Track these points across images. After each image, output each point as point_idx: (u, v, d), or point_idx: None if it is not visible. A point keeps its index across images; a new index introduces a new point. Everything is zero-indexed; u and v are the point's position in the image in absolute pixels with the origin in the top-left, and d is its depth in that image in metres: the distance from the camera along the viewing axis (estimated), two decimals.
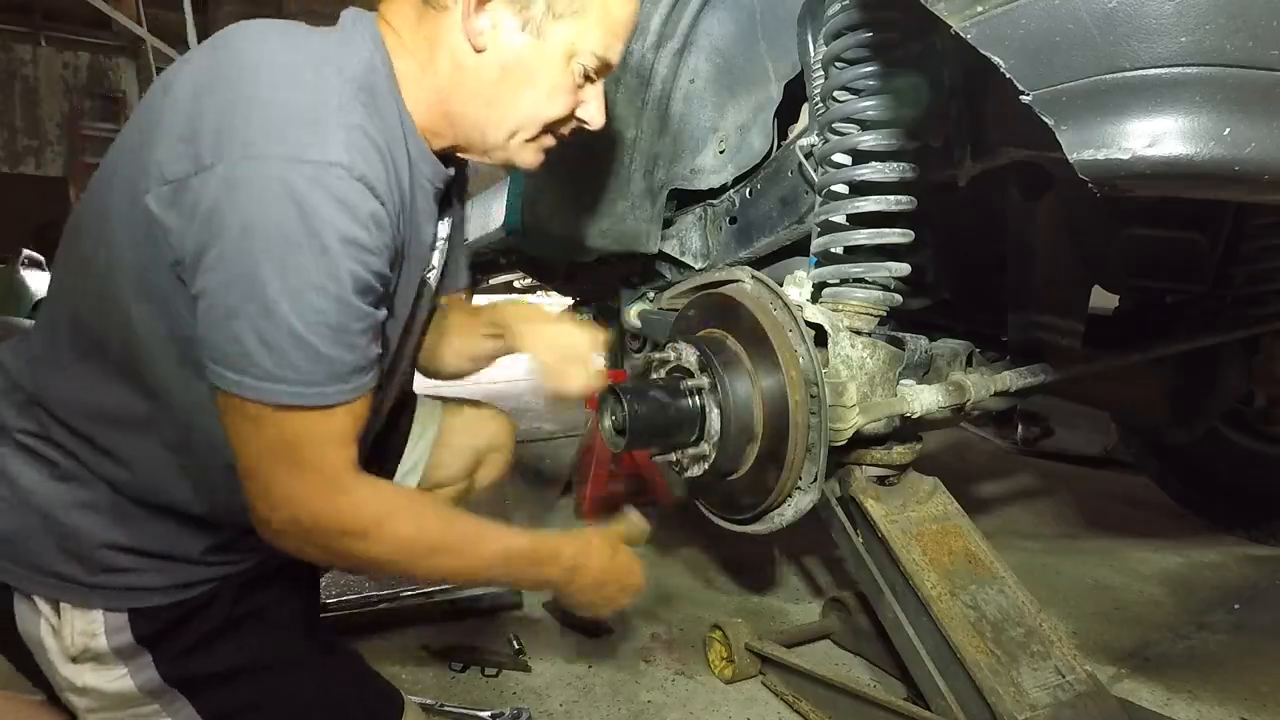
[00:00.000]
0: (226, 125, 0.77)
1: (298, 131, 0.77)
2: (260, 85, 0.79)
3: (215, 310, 0.78)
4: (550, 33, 0.93)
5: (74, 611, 0.89)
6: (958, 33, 0.74)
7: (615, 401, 1.18)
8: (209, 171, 0.76)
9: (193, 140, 0.77)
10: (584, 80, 0.99)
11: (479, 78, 0.94)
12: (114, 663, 0.90)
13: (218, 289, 0.77)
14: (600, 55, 0.97)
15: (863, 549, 1.27)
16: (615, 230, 1.73)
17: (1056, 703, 1.10)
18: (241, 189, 0.75)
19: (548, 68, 0.95)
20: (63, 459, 0.90)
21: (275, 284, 0.75)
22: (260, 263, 0.75)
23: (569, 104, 0.99)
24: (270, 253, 0.75)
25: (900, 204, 1.17)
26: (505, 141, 0.99)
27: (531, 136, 1.00)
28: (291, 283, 0.76)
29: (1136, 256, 1.70)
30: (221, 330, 0.78)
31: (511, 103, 0.96)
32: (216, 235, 0.76)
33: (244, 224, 0.75)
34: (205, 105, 0.79)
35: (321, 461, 0.84)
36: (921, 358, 1.33)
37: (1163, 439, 2.29)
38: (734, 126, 1.69)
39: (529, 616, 1.74)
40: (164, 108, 0.81)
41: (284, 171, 0.75)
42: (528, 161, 1.03)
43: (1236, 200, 1.45)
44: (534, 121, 0.98)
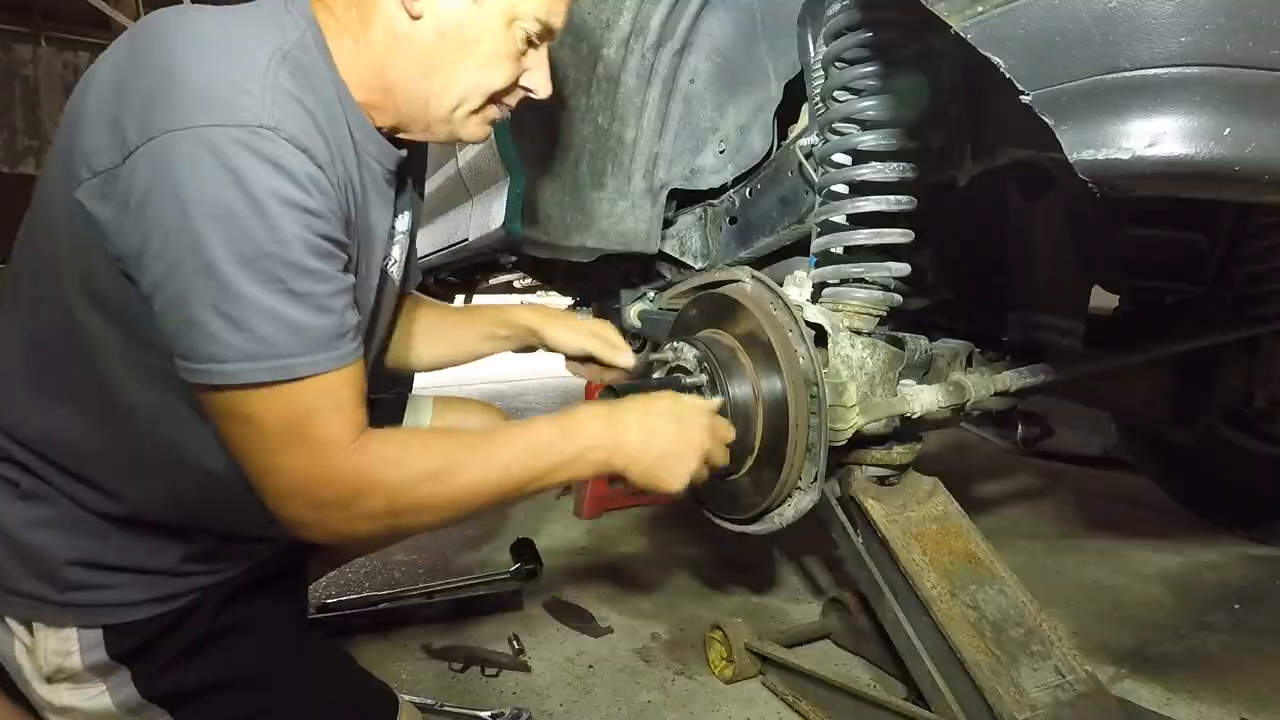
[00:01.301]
0: (149, 104, 0.74)
1: (222, 98, 0.74)
2: (179, 60, 0.76)
3: (171, 301, 0.74)
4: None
5: (47, 631, 0.87)
6: (958, 33, 0.74)
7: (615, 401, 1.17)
8: (136, 155, 0.73)
9: (117, 126, 0.75)
10: (526, 46, 0.95)
11: (416, 46, 0.90)
12: (91, 681, 0.89)
13: (167, 277, 0.74)
14: (542, 19, 0.93)
15: (863, 549, 1.27)
16: (615, 230, 1.73)
17: (1056, 703, 1.10)
18: (171, 165, 0.72)
19: (487, 33, 0.91)
20: (23, 478, 0.87)
21: (225, 258, 0.72)
22: (204, 237, 0.72)
23: (512, 72, 0.95)
24: (212, 225, 0.72)
25: (900, 204, 1.17)
26: (449, 114, 0.95)
27: (475, 108, 0.96)
28: (241, 251, 0.72)
29: (1136, 256, 1.70)
30: (182, 319, 0.74)
31: (452, 72, 0.92)
32: (155, 221, 0.73)
33: (179, 201, 0.72)
34: (126, 89, 0.76)
35: (325, 433, 0.79)
36: (921, 358, 1.33)
37: (1163, 439, 2.29)
38: (734, 126, 1.69)
39: (529, 616, 1.74)
40: (86, 102, 0.79)
41: (211, 138, 0.72)
42: (474, 135, 0.99)
43: (1236, 200, 1.45)
44: (477, 91, 0.94)
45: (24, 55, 8.13)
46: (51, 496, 0.87)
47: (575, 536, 2.24)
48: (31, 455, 0.87)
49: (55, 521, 0.87)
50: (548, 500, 2.52)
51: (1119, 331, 1.81)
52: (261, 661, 0.98)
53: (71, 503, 0.88)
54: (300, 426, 0.78)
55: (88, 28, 8.14)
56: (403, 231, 1.07)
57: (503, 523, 2.33)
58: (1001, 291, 1.65)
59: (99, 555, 0.88)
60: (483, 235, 1.93)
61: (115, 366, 0.84)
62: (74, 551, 0.87)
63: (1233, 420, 2.13)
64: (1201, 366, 1.80)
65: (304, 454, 0.78)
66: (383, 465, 0.81)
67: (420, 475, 0.83)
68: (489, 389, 4.41)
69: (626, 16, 1.54)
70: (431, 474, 0.84)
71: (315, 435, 0.78)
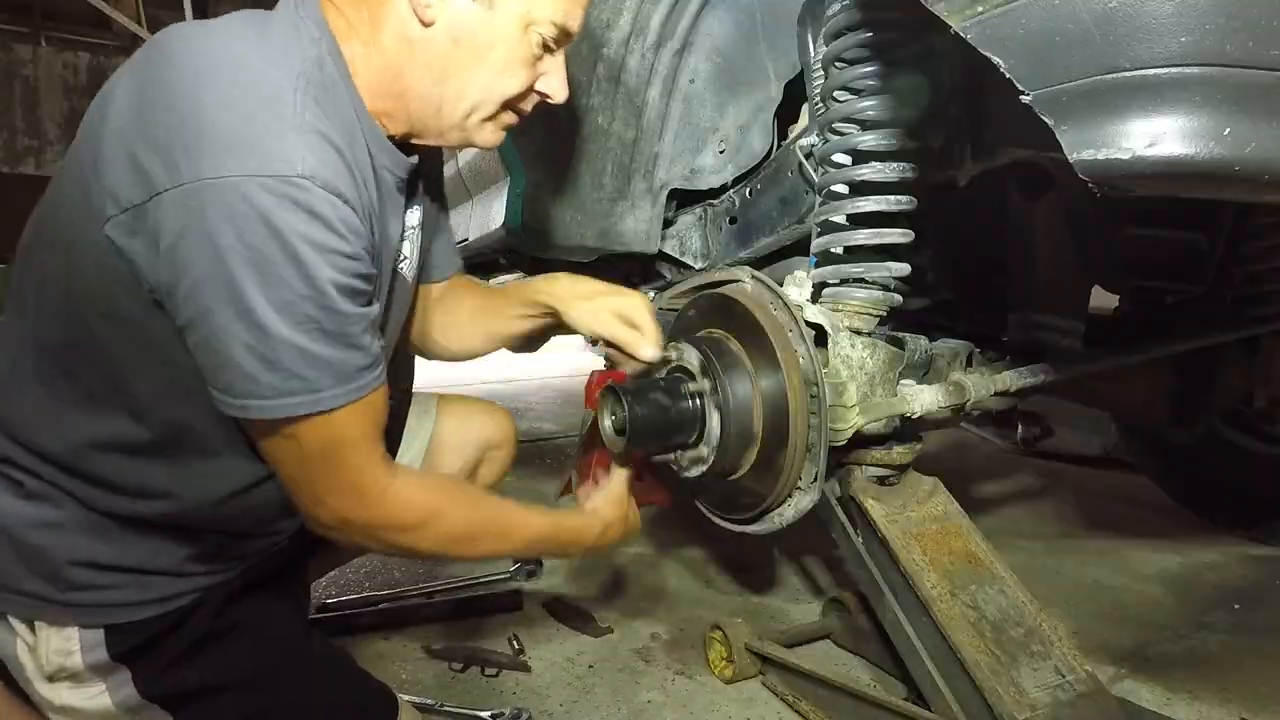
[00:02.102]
0: (177, 144, 0.74)
1: (255, 145, 0.74)
2: (205, 96, 0.75)
3: (206, 341, 0.77)
4: (502, 1, 0.88)
5: (49, 630, 0.88)
6: (958, 33, 0.74)
7: (615, 401, 1.17)
8: (166, 195, 0.73)
9: (143, 163, 0.74)
10: (543, 51, 0.93)
11: (429, 52, 0.88)
12: (91, 680, 0.89)
13: (202, 318, 0.76)
14: (559, 23, 0.92)
15: (863, 549, 1.27)
16: (615, 230, 1.74)
17: (1056, 703, 1.10)
18: (204, 214, 0.72)
19: (502, 39, 0.89)
20: (27, 479, 0.87)
21: (261, 303, 0.74)
22: (241, 284, 0.74)
23: (528, 78, 0.94)
24: (249, 273, 0.74)
25: (900, 204, 1.17)
26: (462, 121, 0.94)
27: (490, 115, 0.95)
28: (277, 298, 0.75)
29: (1136, 256, 1.70)
30: (218, 359, 0.78)
31: (465, 78, 0.90)
32: (187, 265, 0.74)
33: (215, 249, 0.73)
34: (149, 123, 0.75)
35: (353, 462, 0.86)
36: (921, 358, 1.33)
37: (1163, 439, 2.29)
38: (734, 126, 1.69)
39: (529, 616, 1.74)
40: (103, 132, 0.78)
41: (248, 190, 0.72)
42: (487, 141, 0.98)
43: (1236, 200, 1.45)
44: (491, 98, 0.93)
45: (24, 55, 8.14)
46: (56, 498, 0.87)
47: None
48: (36, 458, 0.87)
49: (59, 522, 0.87)
50: (548, 500, 2.52)
51: (1119, 331, 1.81)
52: (261, 662, 0.98)
53: (76, 504, 0.88)
54: (334, 453, 0.84)
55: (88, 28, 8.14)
56: (412, 227, 1.07)
57: None
58: (1001, 291, 1.65)
59: (102, 556, 0.88)
60: (483, 235, 1.93)
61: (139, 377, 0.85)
62: (77, 552, 0.87)
63: (1233, 420, 2.13)
64: (1201, 366, 1.80)
65: (337, 477, 0.86)
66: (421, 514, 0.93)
67: (450, 536, 0.97)
68: (489, 389, 4.41)
69: (626, 16, 1.54)
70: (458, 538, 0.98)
71: (345, 462, 0.86)
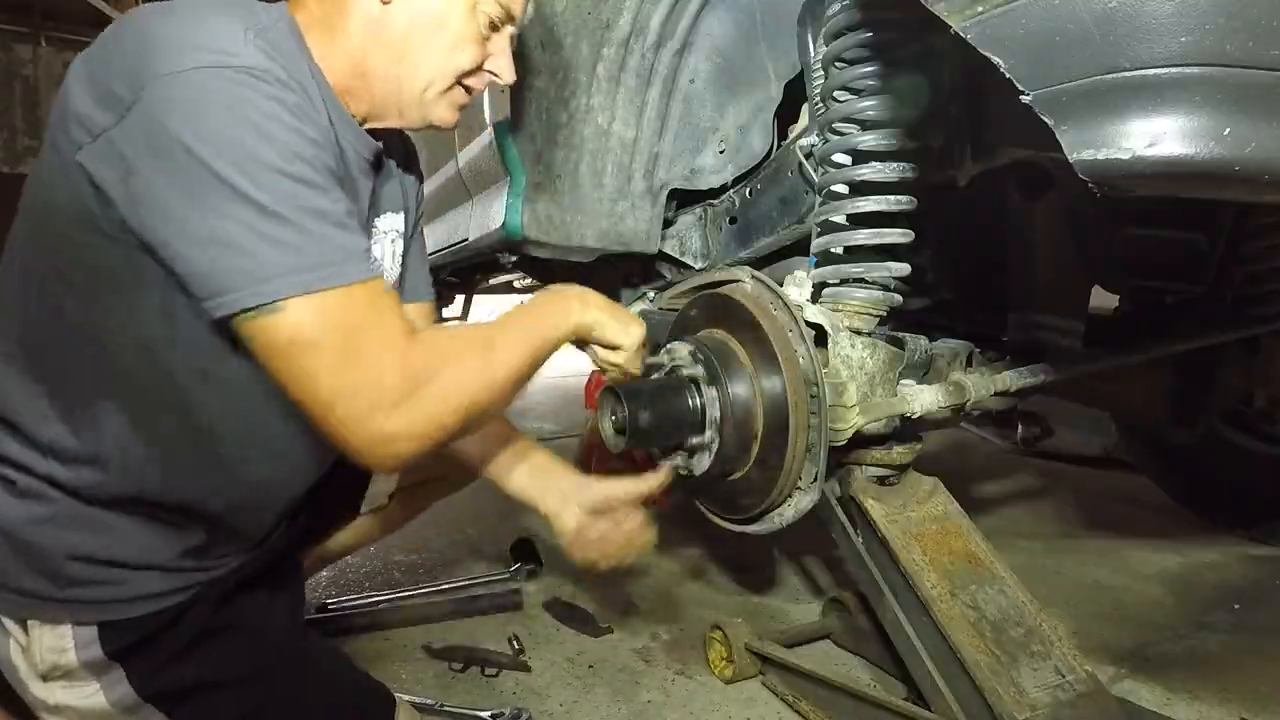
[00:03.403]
0: (135, 62, 0.77)
1: (206, 46, 0.77)
2: (156, 24, 0.80)
3: (197, 238, 0.76)
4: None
5: (42, 628, 0.87)
6: (958, 33, 0.74)
7: (615, 401, 1.18)
8: (133, 110, 0.75)
9: (106, 94, 0.77)
10: (489, 31, 1.01)
11: (388, 31, 0.94)
12: (85, 679, 0.88)
13: (191, 210, 0.75)
14: (503, 3, 1.00)
15: (863, 549, 1.27)
16: (615, 230, 1.73)
17: (1056, 703, 1.10)
18: (168, 108, 0.75)
19: (453, 16, 0.96)
20: (19, 475, 0.87)
21: (238, 177, 0.74)
22: (214, 164, 0.74)
23: (477, 54, 1.00)
24: (220, 152, 0.74)
25: (900, 204, 1.17)
26: (420, 96, 0.99)
27: (444, 89, 1.00)
28: (253, 170, 0.75)
29: (1136, 256, 1.70)
30: (214, 252, 0.76)
31: (421, 54, 0.97)
32: (165, 162, 0.75)
33: (182, 139, 0.74)
34: (111, 59, 0.79)
35: (384, 330, 0.82)
36: (921, 358, 1.33)
37: (1163, 439, 2.29)
38: (734, 126, 1.69)
39: (529, 616, 1.74)
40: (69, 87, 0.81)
41: (203, 79, 0.75)
42: (443, 117, 1.03)
43: (1236, 200, 1.45)
44: (444, 72, 0.99)
45: (24, 55, 8.14)
46: (47, 494, 0.87)
47: None
48: (32, 452, 0.87)
49: (51, 517, 0.87)
50: None
51: (1119, 331, 1.81)
52: (257, 660, 0.98)
53: (68, 498, 0.87)
54: (358, 330, 0.80)
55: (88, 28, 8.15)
56: (385, 231, 1.09)
57: (503, 523, 2.33)
58: (1001, 291, 1.65)
59: (96, 550, 0.88)
60: (483, 235, 1.93)
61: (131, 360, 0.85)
62: (71, 546, 0.87)
63: (1233, 420, 2.13)
64: (1201, 366, 1.80)
65: (367, 364, 0.80)
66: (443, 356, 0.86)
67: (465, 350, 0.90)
68: None
69: (626, 16, 1.54)
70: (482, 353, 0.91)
71: (376, 334, 0.81)
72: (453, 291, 3.81)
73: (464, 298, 3.87)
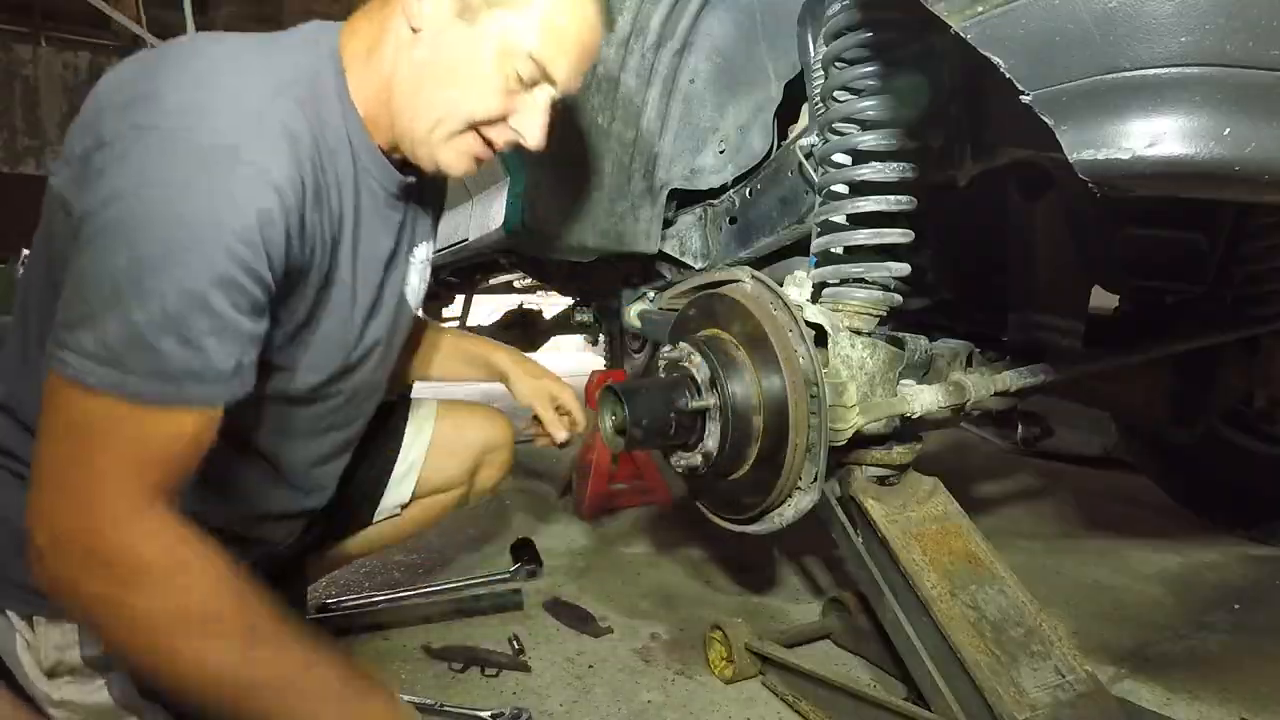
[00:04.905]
0: (130, 105, 0.75)
1: (199, 110, 0.74)
2: (173, 74, 0.77)
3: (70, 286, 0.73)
4: (484, 21, 0.89)
5: (48, 625, 0.88)
6: (958, 33, 0.74)
7: (615, 401, 1.18)
8: (107, 146, 0.74)
9: (96, 122, 0.76)
10: (519, 86, 0.93)
11: (411, 59, 0.90)
12: (89, 675, 0.89)
13: (78, 263, 0.72)
14: (538, 59, 0.91)
15: (863, 549, 1.27)
16: (615, 230, 1.74)
17: (1056, 703, 1.10)
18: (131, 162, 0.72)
19: (475, 56, 0.90)
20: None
21: (121, 253, 0.70)
22: (117, 229, 0.70)
23: (497, 105, 0.93)
24: (129, 221, 0.70)
25: (900, 204, 1.17)
26: (428, 134, 0.93)
27: (455, 131, 0.93)
28: (142, 253, 0.69)
29: (1136, 256, 1.70)
30: (67, 306, 0.72)
31: (435, 89, 0.91)
32: (92, 208, 0.72)
33: (115, 191, 0.71)
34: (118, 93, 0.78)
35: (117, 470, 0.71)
36: (921, 358, 1.33)
37: (1163, 439, 2.30)
38: (734, 126, 1.69)
39: (529, 616, 1.74)
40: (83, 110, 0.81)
41: (169, 143, 0.72)
42: (451, 164, 0.95)
43: (1236, 200, 1.45)
44: (456, 115, 0.92)
45: (24, 55, 8.14)
46: None
47: (575, 536, 2.24)
48: None
49: None
50: (548, 500, 2.52)
51: (1119, 331, 1.81)
52: None
53: None
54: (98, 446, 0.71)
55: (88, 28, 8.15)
56: (422, 260, 1.09)
57: (503, 523, 2.33)
58: (1001, 291, 1.65)
59: None
60: (483, 235, 1.93)
61: None
62: None
63: (1233, 420, 2.13)
64: (1201, 366, 1.80)
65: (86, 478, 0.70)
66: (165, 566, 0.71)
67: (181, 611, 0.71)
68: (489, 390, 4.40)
69: (626, 16, 1.54)
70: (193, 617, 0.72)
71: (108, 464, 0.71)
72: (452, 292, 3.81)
73: (464, 298, 3.87)
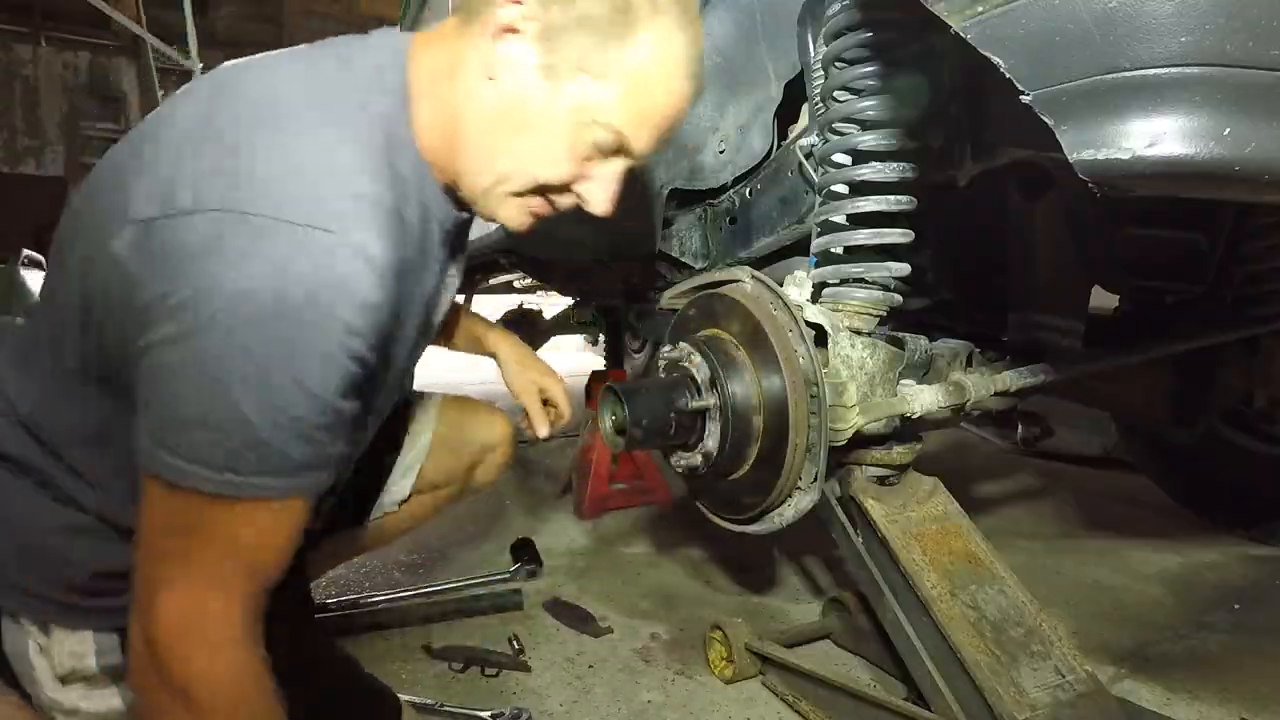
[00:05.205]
0: (214, 167, 0.68)
1: (303, 192, 0.68)
2: (263, 126, 0.71)
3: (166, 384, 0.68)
4: (568, 85, 0.82)
5: (63, 633, 0.87)
6: (958, 33, 0.74)
7: (615, 401, 1.18)
8: (185, 218, 0.67)
9: (172, 178, 0.69)
10: (594, 152, 0.86)
11: (479, 106, 0.84)
12: (104, 684, 0.88)
13: (176, 359, 0.67)
14: (619, 130, 0.84)
15: (863, 549, 1.27)
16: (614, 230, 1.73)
17: (1056, 703, 1.10)
18: (227, 252, 0.65)
19: (551, 120, 0.83)
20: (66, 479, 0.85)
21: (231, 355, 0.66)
22: (223, 329, 0.65)
23: (568, 171, 0.86)
24: (235, 320, 0.65)
25: (900, 204, 1.17)
26: (490, 188, 0.87)
27: (517, 191, 0.88)
28: (255, 355, 0.66)
29: (1136, 256, 1.70)
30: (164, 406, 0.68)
31: (502, 144, 0.85)
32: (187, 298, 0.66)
33: (215, 284, 0.65)
34: (196, 141, 0.71)
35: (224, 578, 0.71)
36: (921, 358, 1.33)
37: (1163, 439, 2.29)
38: (734, 126, 1.69)
39: (529, 616, 1.74)
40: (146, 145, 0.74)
41: (279, 242, 0.66)
42: (510, 219, 0.90)
43: (1236, 200, 1.45)
44: (522, 176, 0.86)
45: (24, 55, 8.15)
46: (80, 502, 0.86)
47: (575, 536, 2.24)
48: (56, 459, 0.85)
49: (85, 527, 0.86)
50: (548, 500, 2.52)
51: (1119, 331, 1.81)
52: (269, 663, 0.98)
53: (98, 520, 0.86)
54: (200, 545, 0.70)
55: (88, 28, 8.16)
56: (454, 275, 1.07)
57: (503, 523, 2.33)
58: (1001, 291, 1.65)
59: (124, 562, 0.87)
60: (482, 235, 1.93)
61: None
62: (101, 558, 0.86)
63: (1233, 420, 2.13)
64: (1201, 366, 1.80)
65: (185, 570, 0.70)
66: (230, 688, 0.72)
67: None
68: (489, 389, 4.40)
69: None
70: None
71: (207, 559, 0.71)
72: None
73: (464, 297, 3.87)
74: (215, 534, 0.71)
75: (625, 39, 0.81)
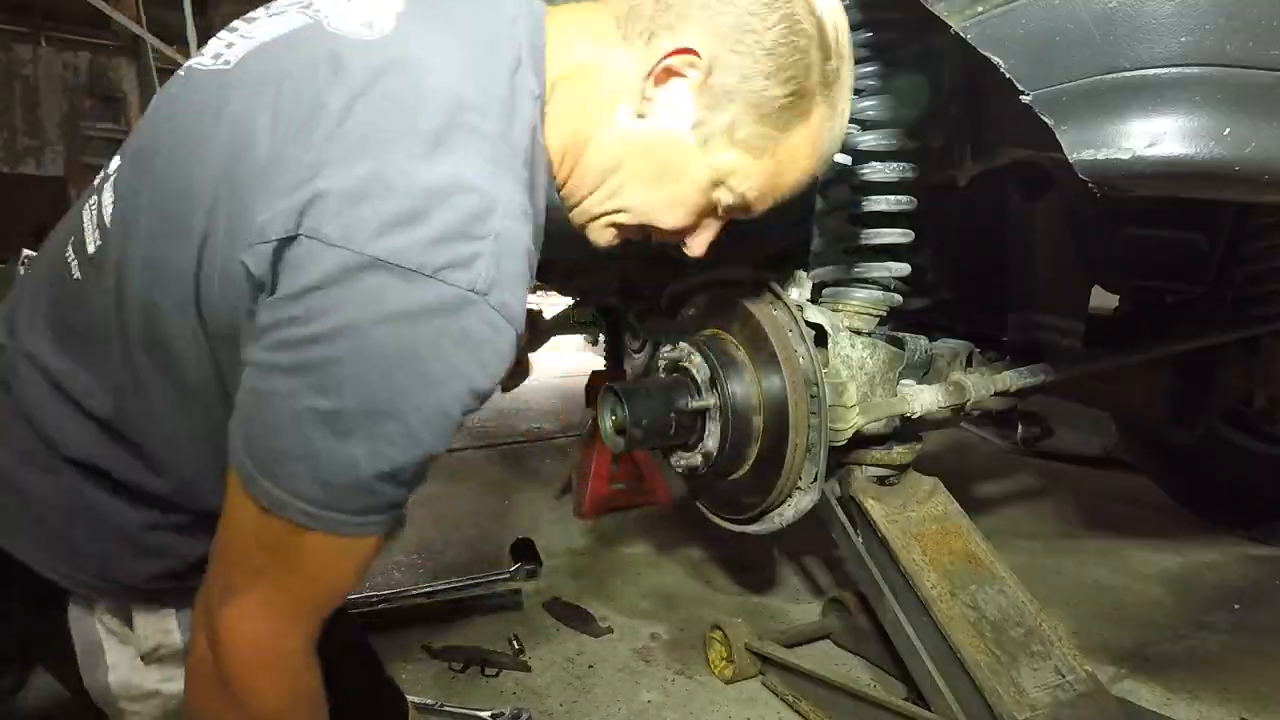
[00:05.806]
0: (362, 192, 0.64)
1: (453, 242, 0.64)
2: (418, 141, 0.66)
3: (274, 411, 0.66)
4: (717, 151, 0.80)
5: (145, 614, 0.86)
6: (958, 33, 0.74)
7: (615, 401, 1.18)
8: (326, 248, 0.63)
9: (310, 193, 0.64)
10: (713, 212, 0.86)
11: (621, 140, 0.81)
12: (179, 663, 0.86)
13: (289, 390, 0.65)
14: (747, 196, 0.84)
15: (863, 549, 1.27)
16: None
17: (1056, 703, 1.10)
18: (368, 299, 0.63)
19: (690, 180, 0.82)
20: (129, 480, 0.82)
21: (349, 393, 0.64)
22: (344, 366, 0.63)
23: (686, 224, 0.86)
24: (359, 360, 0.63)
25: (900, 204, 1.17)
26: (600, 212, 0.86)
27: (625, 224, 0.87)
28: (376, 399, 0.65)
29: (1136, 256, 1.70)
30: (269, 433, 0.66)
31: (632, 184, 0.83)
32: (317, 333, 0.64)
33: (348, 321, 0.63)
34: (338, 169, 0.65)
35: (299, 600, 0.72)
36: (921, 358, 1.33)
37: (1163, 439, 2.30)
38: None
39: (529, 616, 1.74)
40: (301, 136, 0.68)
41: (427, 294, 0.64)
42: (599, 239, 0.89)
43: (1236, 200, 1.45)
44: (638, 215, 0.85)
45: (24, 55, 8.14)
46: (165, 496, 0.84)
47: (575, 536, 2.24)
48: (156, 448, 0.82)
49: (183, 525, 0.84)
50: (548, 500, 2.52)
51: (1119, 331, 1.82)
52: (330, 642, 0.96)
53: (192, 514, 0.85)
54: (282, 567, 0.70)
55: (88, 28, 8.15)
56: None
57: (503, 523, 2.33)
58: (1001, 291, 1.65)
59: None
60: None
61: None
62: (196, 549, 0.83)
63: (1233, 420, 2.13)
64: (1201, 366, 1.80)
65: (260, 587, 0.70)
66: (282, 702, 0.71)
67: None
68: None
69: None
70: None
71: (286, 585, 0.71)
72: None
73: None
74: (301, 562, 0.71)
75: (790, 127, 0.80)
